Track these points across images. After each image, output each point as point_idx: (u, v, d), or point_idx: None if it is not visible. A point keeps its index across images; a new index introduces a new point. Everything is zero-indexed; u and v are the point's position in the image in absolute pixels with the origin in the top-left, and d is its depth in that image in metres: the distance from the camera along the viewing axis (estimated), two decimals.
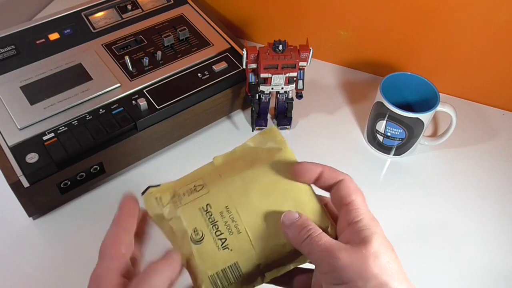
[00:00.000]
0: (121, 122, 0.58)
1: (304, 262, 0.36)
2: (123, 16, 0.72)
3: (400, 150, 0.66)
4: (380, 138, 0.65)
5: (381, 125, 0.64)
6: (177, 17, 0.72)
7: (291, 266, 0.36)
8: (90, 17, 0.71)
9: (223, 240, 0.34)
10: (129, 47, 0.67)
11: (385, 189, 0.64)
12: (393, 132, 0.63)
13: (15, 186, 0.52)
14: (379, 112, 0.63)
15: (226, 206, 0.35)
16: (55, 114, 0.58)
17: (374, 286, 0.30)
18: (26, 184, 0.53)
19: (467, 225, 0.60)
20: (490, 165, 0.67)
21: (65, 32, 0.68)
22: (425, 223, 0.60)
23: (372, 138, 0.67)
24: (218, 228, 0.35)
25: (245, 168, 0.36)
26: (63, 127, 0.57)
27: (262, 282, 0.35)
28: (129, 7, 0.73)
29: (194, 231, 0.34)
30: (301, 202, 0.36)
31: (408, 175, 0.66)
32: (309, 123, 0.71)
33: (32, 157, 0.53)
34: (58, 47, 0.66)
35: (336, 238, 0.34)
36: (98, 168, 0.59)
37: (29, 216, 0.58)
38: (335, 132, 0.71)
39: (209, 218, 0.35)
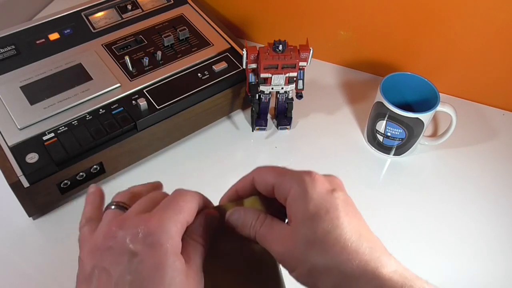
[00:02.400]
0: (121, 122, 0.58)
1: None
2: (123, 16, 0.72)
3: (400, 150, 0.66)
4: (380, 138, 0.65)
5: (381, 125, 0.64)
6: (177, 17, 0.72)
7: None
8: (90, 17, 0.71)
9: None
10: (129, 47, 0.67)
11: (385, 189, 0.64)
12: (393, 132, 0.63)
13: (15, 186, 0.52)
14: (379, 112, 0.63)
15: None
16: (55, 114, 0.58)
17: (306, 270, 0.29)
18: (26, 184, 0.53)
19: (467, 225, 0.60)
20: (490, 165, 0.67)
21: (65, 32, 0.68)
22: (425, 223, 0.60)
23: (372, 138, 0.67)
24: None
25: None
26: (63, 127, 0.57)
27: None
28: (129, 7, 0.73)
29: None
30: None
31: (408, 175, 0.66)
32: (309, 123, 0.71)
33: (32, 157, 0.53)
34: (58, 47, 0.66)
35: None
36: (98, 168, 0.59)
37: (29, 216, 0.58)
38: (335, 132, 0.71)
39: None
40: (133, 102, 0.60)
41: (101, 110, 0.59)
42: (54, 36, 0.68)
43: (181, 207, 0.29)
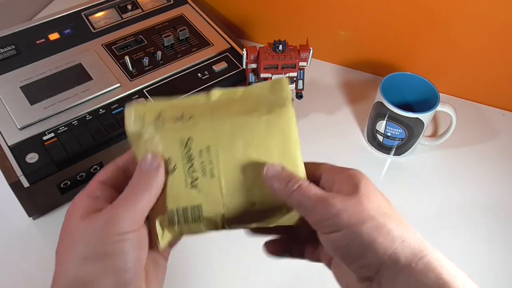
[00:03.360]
0: (121, 122, 0.58)
1: (267, 225, 0.35)
2: (123, 16, 0.72)
3: (400, 150, 0.66)
4: (380, 138, 0.65)
5: (381, 125, 0.64)
6: (177, 17, 0.72)
7: (253, 225, 0.34)
8: (90, 17, 0.71)
9: (194, 178, 0.33)
10: (129, 47, 0.67)
11: (385, 189, 0.63)
12: (393, 132, 0.63)
13: (15, 186, 0.52)
14: (379, 112, 0.63)
15: (208, 146, 0.33)
16: (55, 114, 0.58)
17: (371, 228, 0.29)
18: (26, 184, 0.53)
19: (467, 225, 0.60)
20: (490, 165, 0.67)
21: (65, 32, 0.68)
22: (425, 223, 0.60)
23: (372, 138, 0.67)
24: (192, 165, 0.33)
25: (239, 113, 0.34)
26: (63, 127, 0.57)
27: (221, 230, 0.34)
28: (129, 7, 0.73)
29: (168, 160, 0.33)
30: (289, 167, 0.34)
31: (408, 175, 0.66)
32: (309, 123, 0.71)
33: (32, 157, 0.53)
34: (58, 47, 0.66)
35: None
36: (98, 168, 0.59)
37: (29, 216, 0.58)
38: (335, 132, 0.71)
39: (186, 153, 0.33)
40: (133, 102, 0.60)
41: (101, 110, 0.59)
42: (54, 36, 0.68)
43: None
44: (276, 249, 0.37)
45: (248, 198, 0.33)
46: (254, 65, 0.62)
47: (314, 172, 0.35)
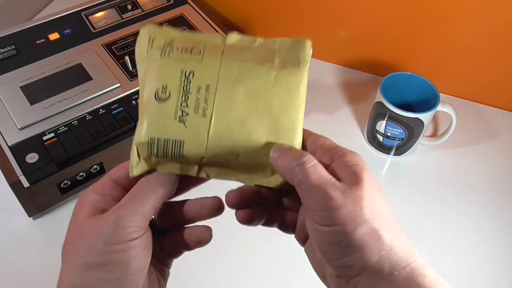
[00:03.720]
0: (121, 122, 0.58)
1: (248, 183, 0.33)
2: (123, 16, 0.72)
3: (400, 150, 0.66)
4: (380, 138, 0.65)
5: (381, 125, 0.64)
6: (177, 17, 0.72)
7: (232, 178, 0.33)
8: (90, 17, 0.71)
9: (184, 113, 0.31)
10: (129, 47, 0.67)
11: (385, 189, 0.63)
12: (393, 132, 0.63)
13: (15, 186, 0.52)
14: (379, 112, 0.63)
15: (208, 85, 0.32)
16: (55, 114, 0.58)
17: (364, 232, 0.28)
18: (26, 184, 0.53)
19: (467, 225, 0.60)
20: (490, 165, 0.67)
21: (65, 32, 0.68)
22: (425, 223, 0.60)
23: (372, 138, 0.67)
24: (187, 99, 0.32)
25: (250, 61, 0.33)
26: (63, 127, 0.57)
27: (197, 175, 0.33)
28: (129, 7, 0.73)
29: (163, 88, 0.32)
30: (285, 129, 0.33)
31: (408, 175, 0.66)
32: (309, 123, 0.71)
33: (32, 157, 0.53)
34: (58, 47, 0.66)
35: None
36: (98, 168, 0.59)
37: (29, 216, 0.58)
38: (335, 132, 0.70)
39: (184, 86, 0.32)
40: (133, 102, 0.60)
41: (101, 110, 0.59)
42: (54, 36, 0.68)
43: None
44: (247, 215, 0.34)
45: (233, 148, 0.32)
46: None
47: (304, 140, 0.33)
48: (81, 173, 0.57)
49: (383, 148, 0.67)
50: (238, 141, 0.32)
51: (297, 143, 0.33)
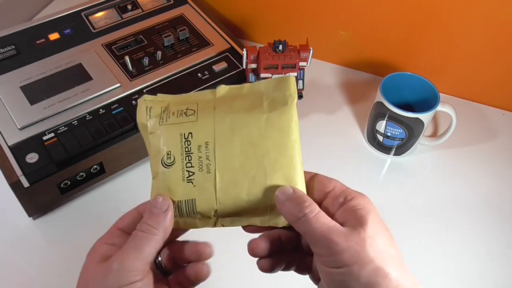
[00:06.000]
0: (121, 122, 0.58)
1: (261, 224, 0.35)
2: (123, 16, 0.72)
3: (400, 150, 0.66)
4: (380, 138, 0.65)
5: (381, 125, 0.64)
6: (177, 17, 0.72)
7: (246, 223, 0.35)
8: (90, 17, 0.71)
9: (190, 173, 0.34)
10: (129, 47, 0.67)
11: (385, 189, 0.64)
12: (393, 132, 0.63)
13: (15, 186, 0.52)
14: (379, 112, 0.63)
15: (207, 142, 0.34)
16: (55, 114, 0.58)
17: (370, 270, 0.29)
18: (26, 184, 0.53)
19: (467, 225, 0.60)
20: (490, 165, 0.67)
21: (65, 32, 0.68)
22: (425, 223, 0.60)
23: (372, 138, 0.67)
24: (190, 159, 0.34)
25: (241, 110, 0.35)
26: (63, 127, 0.57)
27: (214, 226, 0.35)
28: (129, 7, 0.73)
29: (167, 154, 0.34)
30: (284, 167, 0.34)
31: (408, 175, 0.66)
32: (309, 123, 0.72)
33: (32, 157, 0.53)
34: (58, 47, 0.66)
35: None
36: (98, 168, 0.59)
37: (29, 216, 0.58)
38: (335, 132, 0.71)
39: (186, 147, 0.34)
40: (133, 102, 0.60)
41: (101, 110, 0.59)
42: (54, 36, 0.68)
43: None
44: (270, 265, 0.36)
45: (241, 196, 0.34)
46: (254, 65, 0.62)
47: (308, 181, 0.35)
48: (81, 173, 0.57)
49: (383, 148, 0.67)
50: (243, 188, 0.34)
51: (299, 179, 0.35)
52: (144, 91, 0.62)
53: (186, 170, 0.34)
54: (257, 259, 0.36)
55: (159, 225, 0.32)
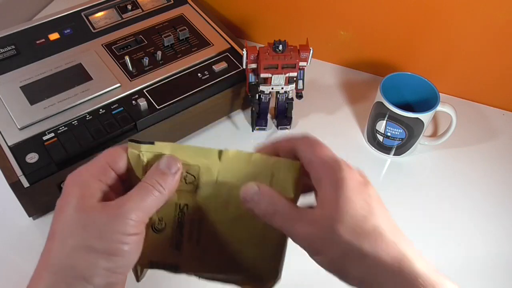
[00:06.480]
0: (121, 122, 0.58)
1: (241, 285, 0.36)
2: (123, 16, 0.72)
3: (400, 150, 0.66)
4: (380, 138, 0.65)
5: (381, 125, 0.64)
6: (177, 17, 0.72)
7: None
8: (90, 17, 0.71)
9: (178, 242, 0.34)
10: (129, 47, 0.67)
11: (385, 189, 0.63)
12: (393, 132, 0.63)
13: (15, 186, 0.52)
14: (379, 112, 0.63)
15: (200, 219, 0.34)
16: (55, 114, 0.58)
17: (338, 254, 0.29)
18: (26, 184, 0.53)
19: (467, 225, 0.60)
20: (490, 165, 0.67)
21: (65, 32, 0.68)
22: (425, 223, 0.60)
23: (372, 138, 0.67)
24: (181, 230, 0.34)
25: (240, 183, 0.33)
26: (63, 127, 0.57)
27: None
28: (129, 7, 0.73)
29: (159, 220, 0.34)
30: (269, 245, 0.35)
31: (408, 175, 0.66)
32: (309, 123, 0.72)
33: (32, 157, 0.53)
34: (58, 47, 0.66)
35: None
36: None
37: (29, 216, 0.58)
38: (335, 132, 0.71)
39: (179, 218, 0.34)
40: (133, 102, 0.60)
41: (101, 110, 0.59)
42: (54, 36, 0.68)
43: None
44: None
45: (223, 267, 0.35)
46: (254, 65, 0.63)
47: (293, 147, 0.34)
48: None
49: (383, 148, 0.67)
50: (229, 260, 0.35)
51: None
52: (144, 91, 0.62)
53: (176, 238, 0.34)
54: None
55: (166, 185, 0.31)
